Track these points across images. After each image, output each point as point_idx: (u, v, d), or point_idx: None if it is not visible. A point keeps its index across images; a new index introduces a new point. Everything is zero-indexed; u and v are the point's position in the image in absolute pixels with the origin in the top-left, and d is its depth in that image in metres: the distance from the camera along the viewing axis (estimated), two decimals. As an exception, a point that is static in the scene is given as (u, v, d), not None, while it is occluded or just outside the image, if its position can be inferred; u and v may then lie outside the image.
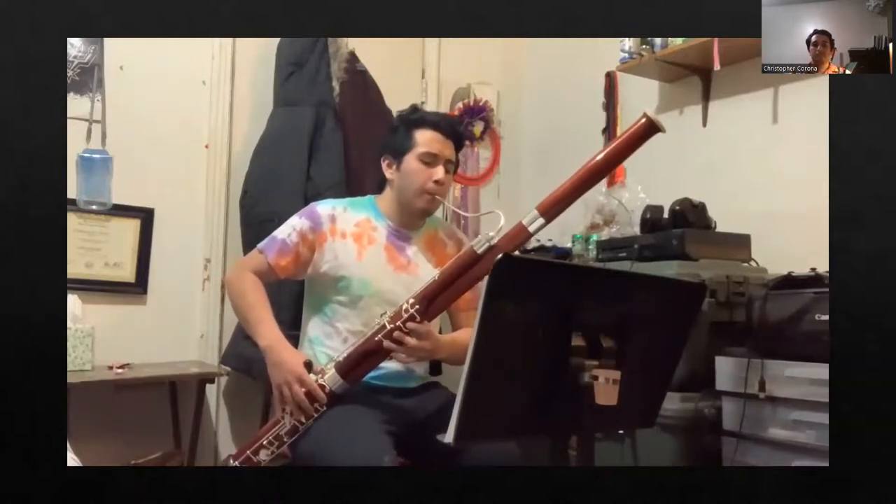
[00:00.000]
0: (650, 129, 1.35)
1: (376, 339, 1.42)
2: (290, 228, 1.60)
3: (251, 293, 1.57)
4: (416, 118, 1.63)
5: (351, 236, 1.60)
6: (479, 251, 1.42)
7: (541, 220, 1.40)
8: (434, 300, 1.43)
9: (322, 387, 1.43)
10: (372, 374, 1.52)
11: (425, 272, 1.59)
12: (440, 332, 1.61)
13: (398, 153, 1.61)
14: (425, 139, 1.59)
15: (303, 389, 1.42)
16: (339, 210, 1.63)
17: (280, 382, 1.45)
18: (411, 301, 1.42)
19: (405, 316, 1.41)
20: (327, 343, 1.57)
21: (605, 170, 1.42)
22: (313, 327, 1.63)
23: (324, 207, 1.63)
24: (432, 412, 1.53)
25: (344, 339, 1.55)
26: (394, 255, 1.62)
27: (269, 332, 1.51)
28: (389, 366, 1.54)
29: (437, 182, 1.58)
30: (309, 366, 1.46)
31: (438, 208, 1.65)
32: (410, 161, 1.59)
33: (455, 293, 1.45)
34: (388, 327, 1.42)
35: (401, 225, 1.65)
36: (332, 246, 1.58)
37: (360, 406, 1.46)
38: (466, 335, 1.66)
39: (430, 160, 1.58)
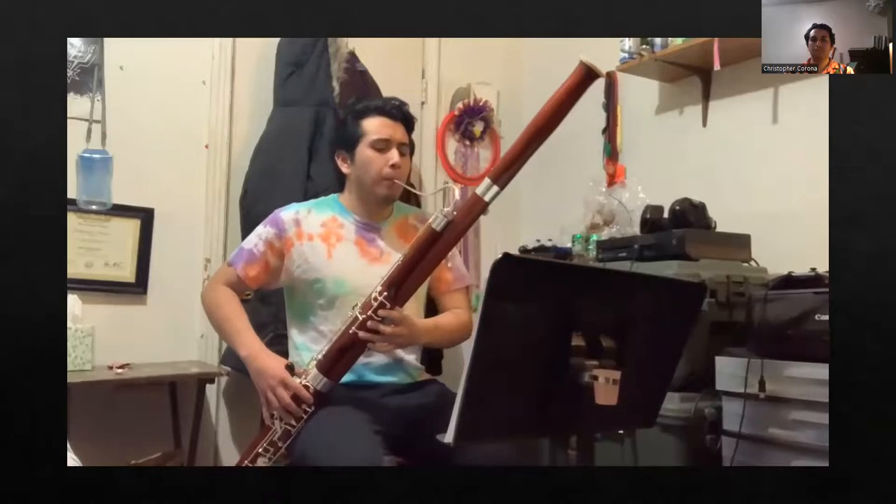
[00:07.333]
0: (588, 75, 1.32)
1: (350, 331, 1.41)
2: (257, 238, 1.61)
3: (225, 305, 1.57)
4: (360, 108, 1.63)
5: (318, 237, 1.60)
6: (438, 228, 1.39)
7: (495, 188, 1.37)
8: (401, 284, 1.41)
9: (307, 387, 1.42)
10: (362, 370, 1.53)
11: None
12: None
13: (350, 146, 1.61)
14: (374, 126, 1.59)
15: (288, 392, 1.42)
16: (302, 213, 1.63)
17: (264, 388, 1.45)
18: (379, 289, 1.41)
19: (375, 304, 1.40)
20: (314, 348, 1.56)
21: (548, 125, 1.36)
22: (298, 334, 1.63)
23: (287, 213, 1.63)
24: (427, 409, 1.52)
25: (330, 342, 1.53)
26: (365, 249, 1.61)
27: (247, 342, 1.52)
28: (377, 359, 1.54)
29: (393, 166, 1.57)
30: (291, 369, 1.45)
31: (400, 193, 1.63)
32: (363, 151, 1.59)
33: (422, 274, 1.43)
34: (361, 318, 1.40)
35: (367, 217, 1.64)
36: (301, 250, 1.58)
37: (349, 407, 1.45)
38: (449, 318, 1.66)
39: (382, 146, 1.58)
